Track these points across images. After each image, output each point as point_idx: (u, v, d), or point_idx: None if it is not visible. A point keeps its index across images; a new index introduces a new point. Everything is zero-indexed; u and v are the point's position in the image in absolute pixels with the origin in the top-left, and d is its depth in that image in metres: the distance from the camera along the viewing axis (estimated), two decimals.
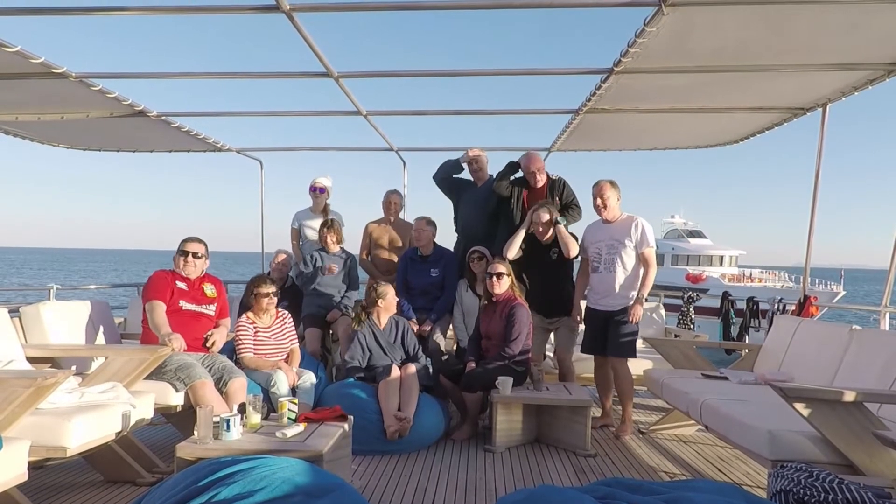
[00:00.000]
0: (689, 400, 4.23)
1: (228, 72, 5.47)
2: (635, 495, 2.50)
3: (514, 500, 2.53)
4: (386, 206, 6.60)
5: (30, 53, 4.26)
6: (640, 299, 5.15)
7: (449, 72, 5.47)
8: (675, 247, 38.76)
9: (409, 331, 5.34)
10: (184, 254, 4.71)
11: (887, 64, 4.57)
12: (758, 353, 5.31)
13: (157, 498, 2.44)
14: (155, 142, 7.48)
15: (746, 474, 4.34)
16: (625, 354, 5.21)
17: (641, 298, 5.16)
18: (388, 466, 4.32)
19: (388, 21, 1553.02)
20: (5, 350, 3.83)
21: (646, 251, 5.17)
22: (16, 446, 2.78)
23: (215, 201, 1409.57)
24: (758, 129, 6.53)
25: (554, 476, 4.17)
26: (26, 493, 3.18)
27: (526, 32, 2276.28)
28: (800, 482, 2.60)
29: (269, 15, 4.00)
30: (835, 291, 29.37)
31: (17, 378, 2.84)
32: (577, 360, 5.71)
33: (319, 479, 2.57)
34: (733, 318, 7.94)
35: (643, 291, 5.16)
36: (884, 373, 3.69)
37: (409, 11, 4.13)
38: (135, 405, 3.67)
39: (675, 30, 3.95)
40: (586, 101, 5.48)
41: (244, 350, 4.82)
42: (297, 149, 8.45)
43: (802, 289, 6.06)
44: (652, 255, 5.22)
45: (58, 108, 5.69)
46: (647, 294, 5.25)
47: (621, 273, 5.18)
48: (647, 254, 5.18)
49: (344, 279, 6.11)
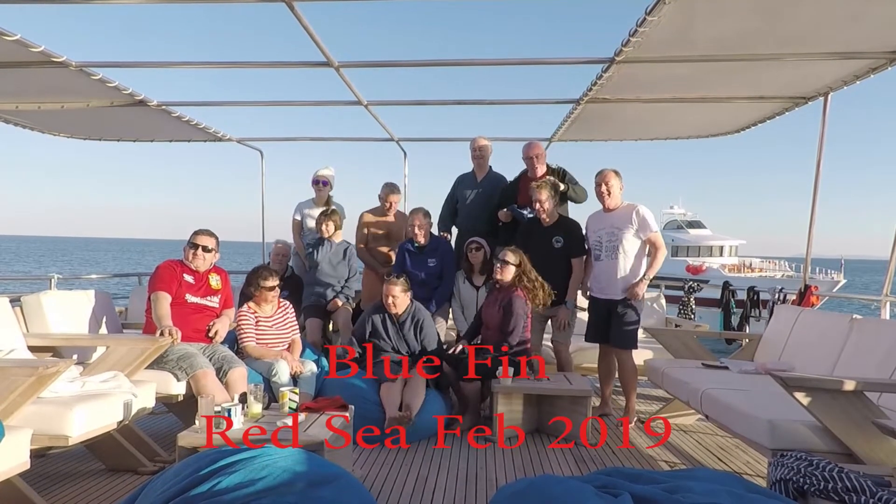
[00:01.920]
0: (690, 389, 4.23)
1: (229, 61, 5.47)
2: (635, 485, 2.51)
3: (515, 490, 2.54)
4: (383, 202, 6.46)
5: (30, 42, 4.24)
6: (644, 278, 5.12)
7: (450, 61, 5.46)
8: (674, 238, 38.65)
9: (429, 326, 5.22)
10: (194, 247, 4.69)
11: (889, 52, 4.55)
12: (758, 343, 5.31)
13: (159, 487, 2.45)
14: (155, 131, 7.47)
15: (746, 463, 4.36)
16: (627, 345, 5.19)
17: (646, 278, 5.13)
18: (388, 456, 4.33)
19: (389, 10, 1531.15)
20: (7, 339, 3.83)
21: (651, 236, 5.16)
22: (18, 435, 2.79)
23: (216, 191, 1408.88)
24: (759, 118, 6.51)
25: (554, 465, 4.18)
26: (28, 482, 3.19)
27: (527, 22, 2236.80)
28: (800, 471, 2.61)
29: (269, 4, 3.98)
30: (835, 280, 29.37)
31: (18, 367, 2.84)
32: (578, 350, 5.71)
33: (321, 469, 2.58)
34: (734, 308, 7.95)
35: (650, 272, 5.14)
36: (884, 362, 3.69)
37: (409, 1, 4.11)
38: (136, 394, 3.68)
39: (677, 19, 3.93)
40: (587, 91, 5.46)
41: (246, 339, 4.82)
42: (297, 139, 8.43)
43: (803, 278, 6.06)
44: (658, 239, 5.20)
45: (58, 98, 5.68)
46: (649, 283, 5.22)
47: (622, 261, 5.15)
48: (653, 238, 5.17)
49: (343, 268, 6.10)
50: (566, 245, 5.42)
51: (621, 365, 5.28)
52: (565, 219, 5.59)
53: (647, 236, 5.15)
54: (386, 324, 5.15)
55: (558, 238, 5.43)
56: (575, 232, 5.48)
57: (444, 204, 6.51)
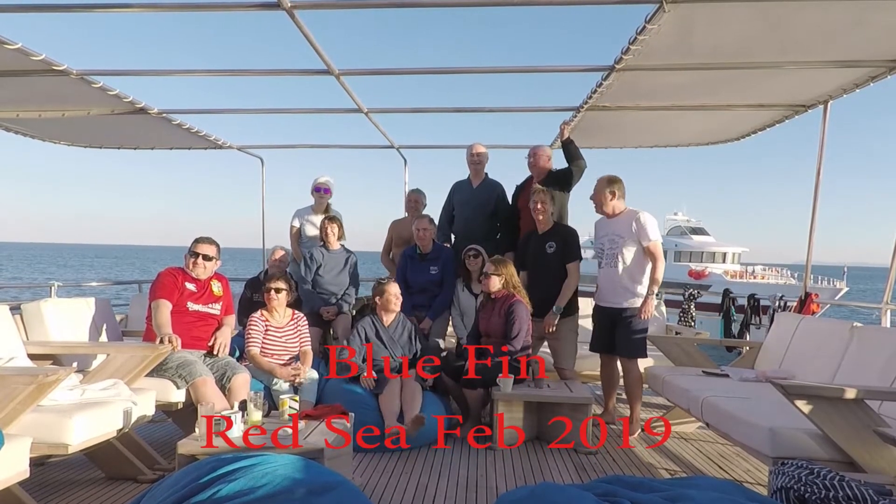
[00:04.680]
0: (690, 397, 4.23)
1: (229, 69, 5.46)
2: (636, 493, 2.50)
3: (516, 498, 2.53)
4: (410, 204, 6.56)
5: (31, 51, 4.26)
6: (649, 295, 5.05)
7: (450, 69, 5.47)
8: (677, 243, 38.76)
9: (418, 334, 5.30)
10: (195, 255, 4.68)
11: (888, 60, 4.57)
12: (759, 351, 5.30)
13: (159, 495, 2.44)
14: (156, 139, 7.48)
15: (747, 471, 4.35)
16: (635, 354, 5.15)
17: (651, 295, 5.05)
18: (388, 463, 4.32)
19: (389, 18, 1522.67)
20: (6, 347, 3.83)
21: (649, 245, 5.05)
22: (17, 443, 2.79)
23: (216, 198, 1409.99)
24: (759, 126, 6.52)
25: (555, 473, 4.17)
26: (28, 490, 3.19)
27: (528, 30, 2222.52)
28: (800, 479, 2.60)
29: (270, 12, 3.99)
30: (838, 288, 29.38)
31: (18, 375, 2.84)
32: (578, 357, 5.68)
33: (321, 476, 2.57)
34: (734, 316, 7.92)
35: (652, 287, 5.04)
36: (885, 370, 3.69)
37: (410, 9, 4.13)
38: (136, 402, 3.68)
39: (677, 27, 3.94)
40: (588, 99, 5.48)
41: (252, 345, 4.81)
42: (298, 146, 8.45)
43: (804, 286, 6.06)
44: (657, 249, 5.07)
45: (59, 106, 5.69)
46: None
47: (622, 268, 5.10)
48: (650, 247, 5.06)
49: (345, 277, 6.10)
50: (559, 250, 5.37)
51: (626, 374, 5.24)
52: (561, 225, 5.57)
53: (645, 245, 5.08)
54: (378, 331, 5.16)
55: (551, 244, 5.40)
56: (569, 238, 5.44)
57: (441, 212, 6.51)
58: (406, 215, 6.65)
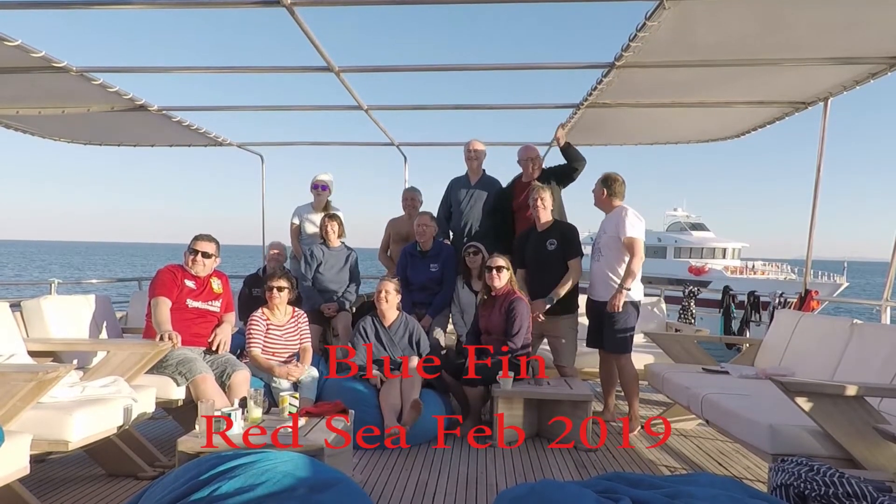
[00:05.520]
0: (690, 394, 4.23)
1: (229, 66, 5.46)
2: (636, 490, 2.50)
3: (515, 495, 2.53)
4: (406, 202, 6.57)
5: (30, 47, 4.25)
6: (621, 288, 5.02)
7: (450, 66, 5.47)
8: (677, 239, 38.75)
9: (422, 334, 5.28)
10: (194, 252, 4.69)
11: (888, 57, 4.57)
12: (758, 348, 5.30)
13: (159, 492, 2.44)
14: (156, 136, 7.47)
15: (747, 468, 4.35)
16: (618, 350, 5.15)
17: (622, 288, 5.01)
18: (389, 460, 4.32)
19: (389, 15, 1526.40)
20: (7, 344, 3.83)
21: (626, 239, 5.03)
22: (17, 440, 2.79)
23: (216, 195, 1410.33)
24: (759, 123, 6.52)
25: (555, 470, 4.17)
26: (28, 487, 3.19)
27: (527, 27, 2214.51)
28: (800, 476, 2.61)
29: (270, 9, 3.99)
30: (838, 283, 29.42)
31: (18, 372, 2.84)
32: (578, 354, 5.68)
33: (321, 474, 2.57)
34: (734, 312, 7.92)
35: (626, 280, 5.01)
36: (884, 367, 3.69)
37: (410, 6, 4.12)
38: (136, 399, 3.68)
39: (676, 24, 3.94)
40: (587, 96, 5.47)
41: (253, 345, 4.82)
42: (298, 143, 8.45)
43: (804, 283, 6.06)
44: (634, 244, 5.03)
45: (58, 103, 5.68)
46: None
47: (603, 262, 5.20)
48: (627, 241, 5.03)
49: (345, 274, 6.10)
50: (560, 248, 5.37)
51: (620, 370, 5.25)
52: (560, 222, 5.57)
53: (623, 238, 5.05)
54: (377, 331, 5.16)
55: (552, 241, 5.40)
56: (569, 235, 5.44)
57: (438, 209, 6.51)
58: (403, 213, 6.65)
